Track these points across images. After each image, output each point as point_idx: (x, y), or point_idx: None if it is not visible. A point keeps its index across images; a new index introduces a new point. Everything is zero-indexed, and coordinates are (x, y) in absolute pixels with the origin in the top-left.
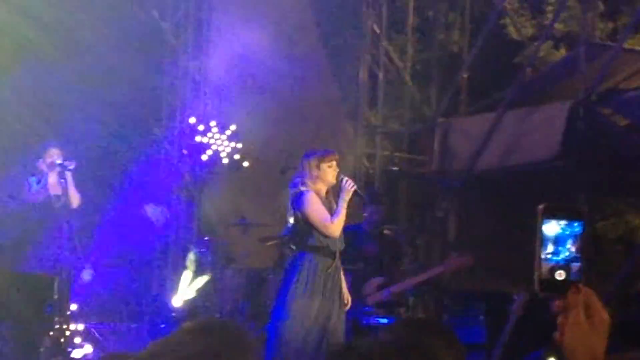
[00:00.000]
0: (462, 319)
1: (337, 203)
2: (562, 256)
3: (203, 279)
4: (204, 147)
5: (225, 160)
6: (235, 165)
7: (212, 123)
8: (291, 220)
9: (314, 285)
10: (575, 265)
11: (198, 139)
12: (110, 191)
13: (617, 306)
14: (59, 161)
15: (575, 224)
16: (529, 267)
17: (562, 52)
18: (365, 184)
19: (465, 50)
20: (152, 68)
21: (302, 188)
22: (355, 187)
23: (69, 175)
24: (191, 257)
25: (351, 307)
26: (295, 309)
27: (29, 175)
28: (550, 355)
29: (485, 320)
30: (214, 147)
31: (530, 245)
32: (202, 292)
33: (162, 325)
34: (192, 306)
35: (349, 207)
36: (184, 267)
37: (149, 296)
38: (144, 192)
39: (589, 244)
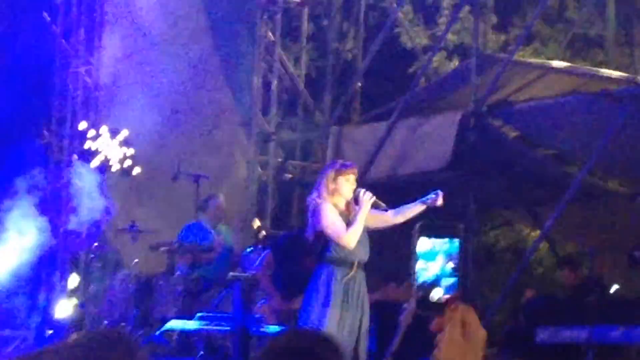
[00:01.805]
0: None
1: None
2: (437, 273)
3: (91, 285)
4: (94, 153)
5: (116, 167)
6: (126, 171)
7: (103, 129)
8: (310, 235)
9: (334, 296)
10: (451, 282)
11: (88, 144)
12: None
13: (506, 315)
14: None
15: (451, 242)
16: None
17: (455, 63)
18: (258, 191)
19: (359, 59)
20: (42, 72)
21: (319, 201)
22: (374, 198)
23: None
24: (80, 263)
25: (241, 315)
26: (316, 320)
27: None
28: None
29: (375, 329)
30: (104, 153)
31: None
32: (90, 298)
33: (50, 332)
34: (80, 313)
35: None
36: (72, 273)
37: (35, 303)
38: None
39: (467, 260)
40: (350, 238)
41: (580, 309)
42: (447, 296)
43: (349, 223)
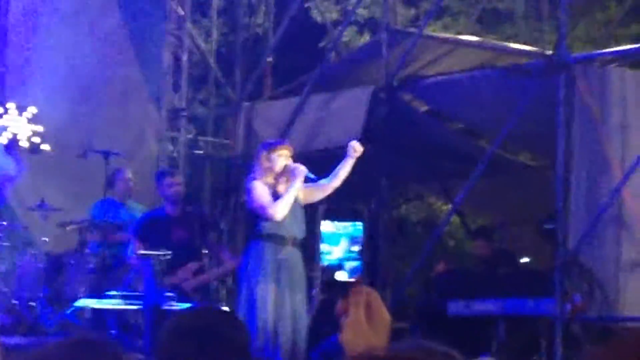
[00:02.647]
0: None
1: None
2: (340, 256)
3: (0, 264)
4: (1, 130)
5: (24, 144)
6: (34, 148)
7: (10, 105)
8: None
9: (264, 273)
10: (354, 265)
11: None
12: None
13: (418, 289)
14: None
15: (354, 225)
16: None
17: (366, 37)
18: (170, 168)
19: (269, 34)
20: None
21: (252, 182)
22: (305, 172)
23: None
24: None
25: (151, 292)
26: (249, 297)
27: None
28: None
29: None
30: (12, 130)
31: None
32: None
33: None
34: None
35: None
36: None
37: None
38: None
39: (377, 237)
40: (277, 209)
41: (492, 281)
42: (351, 279)
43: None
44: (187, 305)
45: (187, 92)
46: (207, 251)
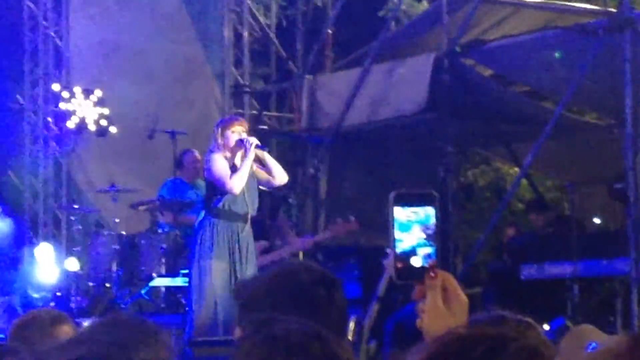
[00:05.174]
0: (336, 274)
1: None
2: (414, 242)
3: (74, 247)
4: (69, 114)
5: (92, 127)
6: (102, 131)
7: (77, 89)
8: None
9: (218, 248)
10: (428, 250)
11: (63, 106)
12: None
13: (489, 254)
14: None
15: (426, 209)
16: None
17: (425, 4)
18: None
19: (329, 6)
20: (12, 36)
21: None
22: (256, 142)
23: None
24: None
25: None
26: (200, 271)
27: None
28: None
29: (360, 275)
30: (79, 114)
31: None
32: (73, 261)
33: (35, 296)
34: (65, 275)
35: None
36: (55, 236)
37: (19, 267)
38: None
39: (451, 230)
40: (235, 183)
41: (563, 243)
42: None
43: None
44: None
45: (249, 68)
46: (275, 230)
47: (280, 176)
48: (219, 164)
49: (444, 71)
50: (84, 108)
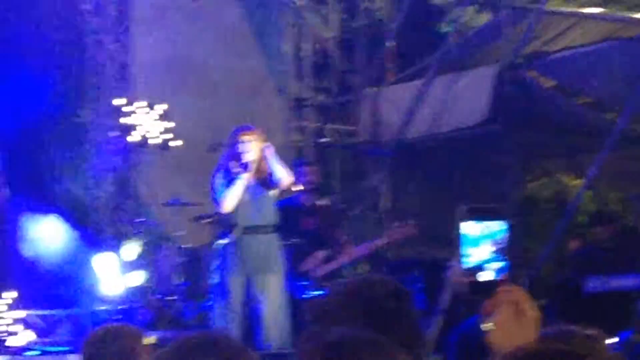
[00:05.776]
0: None
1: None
2: (484, 256)
3: (138, 260)
4: (133, 128)
5: (155, 141)
6: (165, 144)
7: (140, 103)
8: None
9: (232, 263)
10: (498, 265)
11: (126, 120)
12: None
13: (553, 266)
14: None
15: (496, 224)
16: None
17: (486, 16)
18: (297, 157)
19: (390, 18)
20: (75, 51)
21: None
22: (251, 159)
23: None
24: (128, 239)
25: (289, 282)
26: (220, 288)
27: None
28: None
29: (424, 288)
30: (143, 128)
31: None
32: (139, 274)
33: (101, 309)
34: (131, 289)
35: None
36: (120, 250)
37: (87, 281)
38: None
39: (513, 243)
40: (224, 203)
41: (628, 256)
42: (497, 279)
43: (264, 183)
44: (320, 292)
45: (310, 82)
46: (333, 240)
47: (283, 177)
48: (215, 185)
49: (506, 83)
50: (147, 122)
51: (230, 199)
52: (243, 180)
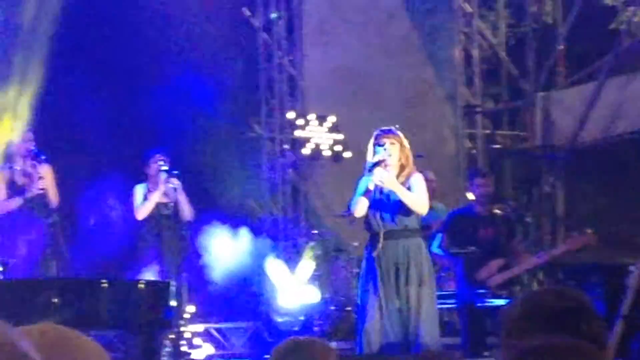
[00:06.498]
0: None
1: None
2: None
3: (314, 271)
4: (305, 141)
5: (327, 153)
6: (337, 156)
7: (311, 116)
8: None
9: (364, 269)
10: None
11: (298, 133)
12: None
13: None
14: (164, 167)
15: None
16: None
17: None
18: (469, 164)
19: (559, 21)
20: (249, 67)
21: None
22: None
23: (177, 184)
24: (307, 251)
25: (465, 290)
26: (361, 297)
27: (137, 183)
28: None
29: (603, 294)
30: (314, 140)
31: None
32: (315, 286)
33: (279, 320)
34: (307, 301)
35: None
36: (298, 262)
37: (263, 293)
38: (249, 190)
39: None
40: (353, 207)
41: None
42: None
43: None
44: (500, 302)
45: (480, 88)
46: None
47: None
48: (358, 188)
49: None
50: (318, 134)
51: (358, 202)
52: (370, 182)
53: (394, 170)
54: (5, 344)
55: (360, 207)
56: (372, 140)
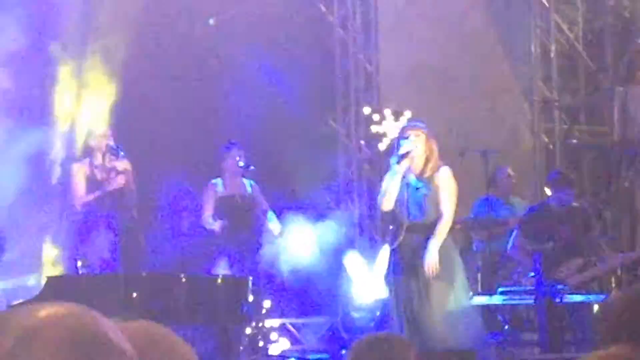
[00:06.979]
0: None
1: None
2: None
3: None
4: (381, 137)
5: None
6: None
7: (387, 111)
8: None
9: (393, 263)
10: None
11: (374, 128)
12: (291, 188)
13: None
14: (241, 163)
15: None
16: None
17: None
18: (546, 159)
19: (637, 15)
20: (323, 63)
21: None
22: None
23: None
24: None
25: (543, 286)
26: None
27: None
28: None
29: None
30: (390, 136)
31: None
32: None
33: (355, 316)
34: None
35: None
36: (375, 258)
37: (339, 288)
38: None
39: None
40: (380, 200)
41: None
42: None
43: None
44: (579, 297)
45: (558, 83)
46: (590, 246)
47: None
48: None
49: None
50: (394, 130)
51: (385, 195)
52: (396, 175)
53: (420, 161)
54: (98, 334)
55: (388, 200)
56: (397, 134)
